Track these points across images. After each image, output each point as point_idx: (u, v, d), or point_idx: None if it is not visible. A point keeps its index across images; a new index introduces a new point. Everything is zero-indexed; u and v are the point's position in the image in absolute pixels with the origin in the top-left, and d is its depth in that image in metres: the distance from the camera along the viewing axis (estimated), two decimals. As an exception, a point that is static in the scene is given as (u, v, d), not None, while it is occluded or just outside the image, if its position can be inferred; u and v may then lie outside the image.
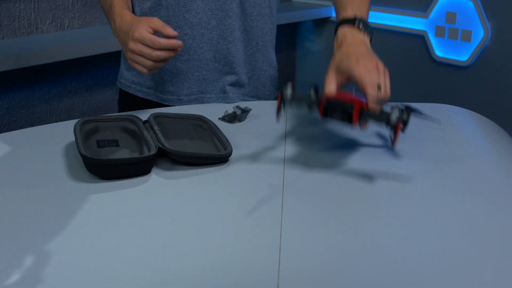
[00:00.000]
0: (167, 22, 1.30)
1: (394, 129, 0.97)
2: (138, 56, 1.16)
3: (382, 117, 0.96)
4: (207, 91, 1.36)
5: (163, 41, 1.14)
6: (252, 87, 1.40)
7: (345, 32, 1.14)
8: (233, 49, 1.34)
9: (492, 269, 0.75)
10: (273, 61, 1.43)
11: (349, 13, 1.18)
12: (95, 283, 0.71)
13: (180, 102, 1.36)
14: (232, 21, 1.32)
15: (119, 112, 1.45)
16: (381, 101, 0.99)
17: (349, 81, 1.06)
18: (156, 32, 1.16)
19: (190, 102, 1.36)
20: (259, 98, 1.42)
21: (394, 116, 0.95)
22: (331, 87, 1.04)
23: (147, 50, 1.14)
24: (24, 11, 2.09)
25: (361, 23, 1.14)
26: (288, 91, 1.01)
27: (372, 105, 0.97)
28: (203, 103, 1.36)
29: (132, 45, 1.15)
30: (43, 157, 1.04)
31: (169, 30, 1.15)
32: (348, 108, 0.97)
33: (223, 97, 1.37)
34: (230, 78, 1.36)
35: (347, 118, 0.98)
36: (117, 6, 1.26)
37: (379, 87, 0.99)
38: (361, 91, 1.00)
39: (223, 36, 1.32)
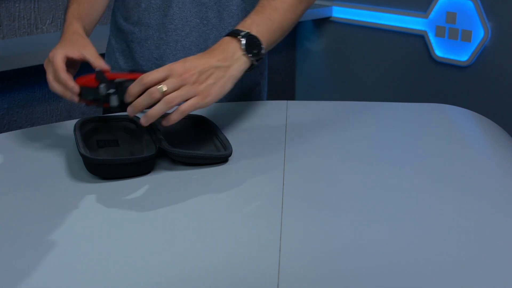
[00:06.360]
0: (147, 24, 1.27)
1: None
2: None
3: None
4: None
5: (63, 76, 1.03)
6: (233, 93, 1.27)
7: (224, 41, 1.03)
8: None
9: (492, 269, 0.75)
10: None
11: (246, 24, 1.05)
12: (95, 283, 0.71)
13: None
14: (206, 29, 1.28)
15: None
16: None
17: None
18: (83, 61, 1.08)
19: None
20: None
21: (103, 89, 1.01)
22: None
23: (49, 76, 1.05)
24: (24, 11, 2.09)
25: (245, 43, 1.02)
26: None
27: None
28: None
29: (45, 64, 1.06)
30: (43, 157, 1.04)
31: (101, 63, 1.08)
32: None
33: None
34: None
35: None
36: (69, 14, 1.22)
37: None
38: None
39: (195, 43, 1.28)
